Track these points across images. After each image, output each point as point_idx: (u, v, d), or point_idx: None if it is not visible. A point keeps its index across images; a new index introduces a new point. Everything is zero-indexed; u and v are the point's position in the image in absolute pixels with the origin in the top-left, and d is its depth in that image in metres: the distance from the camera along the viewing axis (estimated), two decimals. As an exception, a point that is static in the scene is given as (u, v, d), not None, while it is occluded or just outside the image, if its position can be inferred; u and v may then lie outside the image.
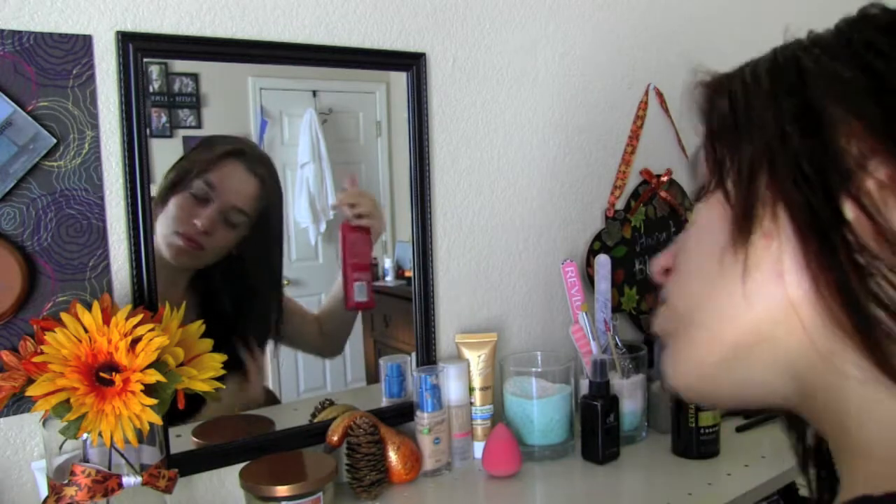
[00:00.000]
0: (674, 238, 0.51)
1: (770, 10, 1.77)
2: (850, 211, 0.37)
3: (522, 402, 1.18)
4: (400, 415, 1.18)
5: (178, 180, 1.00)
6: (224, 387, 0.86)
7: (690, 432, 1.17)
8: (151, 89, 0.96)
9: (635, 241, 1.52)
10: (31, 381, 0.76)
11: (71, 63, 0.90)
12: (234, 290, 1.08)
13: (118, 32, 0.92)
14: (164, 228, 0.99)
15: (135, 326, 0.79)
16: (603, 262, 1.38)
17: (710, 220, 0.45)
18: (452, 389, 1.17)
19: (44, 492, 0.88)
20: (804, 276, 0.39)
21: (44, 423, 0.83)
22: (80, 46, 0.90)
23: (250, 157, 1.05)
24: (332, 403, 1.13)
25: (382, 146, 1.20)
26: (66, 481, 0.79)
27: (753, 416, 1.30)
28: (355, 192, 1.17)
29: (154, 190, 0.97)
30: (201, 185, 1.01)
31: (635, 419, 1.25)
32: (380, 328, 1.23)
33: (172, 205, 0.99)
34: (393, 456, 1.09)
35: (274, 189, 1.08)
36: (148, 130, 0.95)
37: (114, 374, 0.76)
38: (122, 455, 0.81)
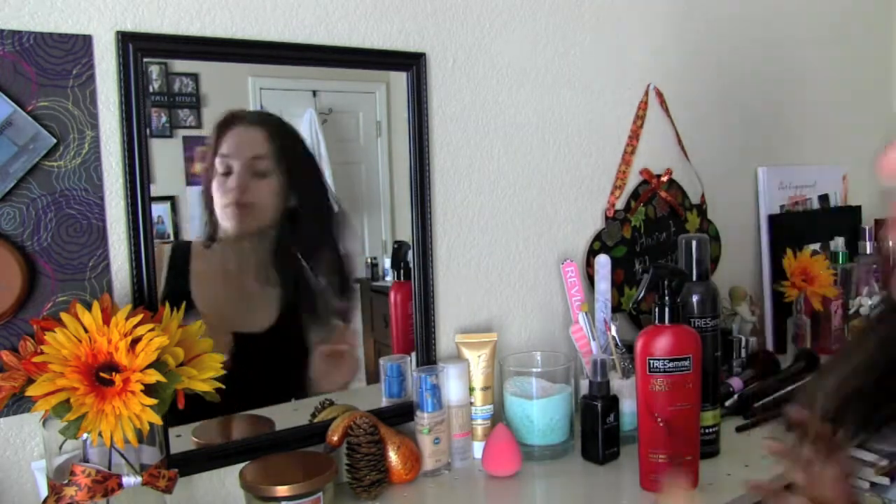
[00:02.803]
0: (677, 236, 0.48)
1: (768, 10, 1.77)
2: None
3: (522, 402, 1.18)
4: (400, 415, 1.18)
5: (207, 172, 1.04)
6: (223, 386, 0.86)
7: (690, 432, 1.16)
8: (151, 89, 0.96)
9: (635, 241, 1.52)
10: (31, 381, 0.76)
11: (71, 63, 0.90)
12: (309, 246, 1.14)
13: (118, 32, 0.92)
14: (222, 211, 1.04)
15: (135, 326, 0.79)
16: (603, 262, 1.38)
17: None
18: (452, 389, 1.17)
19: (44, 492, 0.88)
20: None
21: (44, 423, 0.83)
22: (80, 46, 0.90)
23: (243, 117, 1.06)
24: (332, 403, 1.13)
25: (382, 146, 1.20)
26: (66, 481, 0.79)
27: (754, 415, 1.30)
28: None
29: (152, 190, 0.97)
30: (219, 161, 1.04)
31: (635, 419, 1.25)
32: (380, 328, 1.23)
33: (214, 191, 1.04)
34: (393, 456, 1.09)
35: (286, 131, 1.10)
36: (148, 130, 0.95)
37: (114, 374, 0.76)
38: (122, 455, 0.81)
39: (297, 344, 1.13)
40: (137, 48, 0.93)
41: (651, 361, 1.03)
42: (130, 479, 0.81)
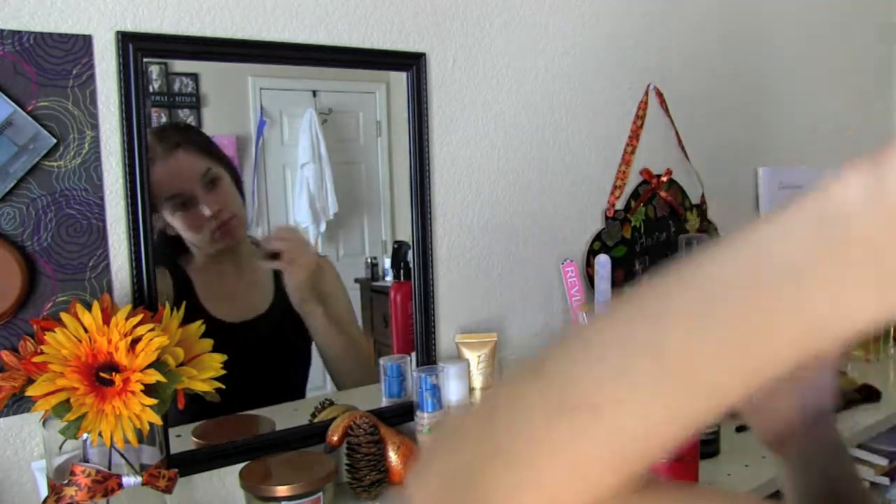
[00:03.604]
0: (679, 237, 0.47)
1: (769, 11, 1.77)
2: None
3: (522, 402, 1.18)
4: (400, 415, 1.18)
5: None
6: (223, 386, 0.86)
7: (690, 432, 1.16)
8: (151, 89, 0.96)
9: (635, 241, 1.52)
10: (31, 381, 0.76)
11: (71, 63, 0.90)
12: None
13: (118, 32, 0.92)
14: (206, 243, 1.05)
15: (135, 326, 0.79)
16: (603, 262, 1.38)
17: None
18: (452, 389, 1.17)
19: (44, 492, 0.88)
20: None
21: (44, 423, 0.83)
22: (79, 46, 0.90)
23: (164, 149, 1.01)
24: (332, 403, 1.13)
25: (382, 146, 1.20)
26: (66, 481, 0.79)
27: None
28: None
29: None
30: (173, 203, 1.02)
31: (635, 419, 1.25)
32: (380, 328, 1.23)
33: (184, 230, 1.03)
34: (393, 456, 1.09)
35: (192, 129, 1.06)
36: (148, 130, 0.95)
37: (114, 374, 0.76)
38: (122, 455, 0.81)
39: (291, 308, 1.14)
40: (137, 48, 0.93)
41: (651, 361, 1.02)
42: (130, 479, 0.81)
